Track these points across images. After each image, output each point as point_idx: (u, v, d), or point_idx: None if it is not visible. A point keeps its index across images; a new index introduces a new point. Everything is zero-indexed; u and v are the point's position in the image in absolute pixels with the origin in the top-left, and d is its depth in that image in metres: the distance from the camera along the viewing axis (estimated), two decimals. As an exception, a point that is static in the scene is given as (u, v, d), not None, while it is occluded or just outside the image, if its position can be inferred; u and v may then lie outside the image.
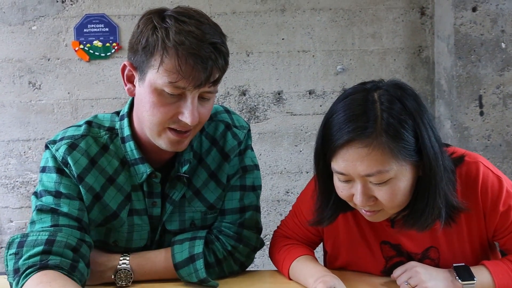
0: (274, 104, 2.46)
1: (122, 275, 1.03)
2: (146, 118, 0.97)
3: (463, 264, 0.95)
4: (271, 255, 1.18)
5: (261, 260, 1.29)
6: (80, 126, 1.08)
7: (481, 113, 2.32)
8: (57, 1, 2.40)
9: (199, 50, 0.90)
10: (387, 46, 2.43)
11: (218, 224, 1.12)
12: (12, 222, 2.49)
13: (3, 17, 2.39)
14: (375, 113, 0.85)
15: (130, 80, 1.01)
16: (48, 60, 2.42)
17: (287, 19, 2.42)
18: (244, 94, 2.45)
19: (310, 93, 2.45)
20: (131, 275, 1.04)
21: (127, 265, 1.04)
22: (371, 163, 0.85)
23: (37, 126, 2.45)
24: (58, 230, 0.96)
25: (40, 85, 2.43)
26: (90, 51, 2.41)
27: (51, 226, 0.96)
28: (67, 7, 2.41)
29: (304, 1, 2.41)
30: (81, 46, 2.41)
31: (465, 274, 0.92)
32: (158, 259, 1.06)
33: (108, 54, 2.41)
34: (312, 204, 1.04)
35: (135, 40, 0.96)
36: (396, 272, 0.97)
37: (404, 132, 0.85)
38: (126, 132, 1.06)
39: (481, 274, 0.93)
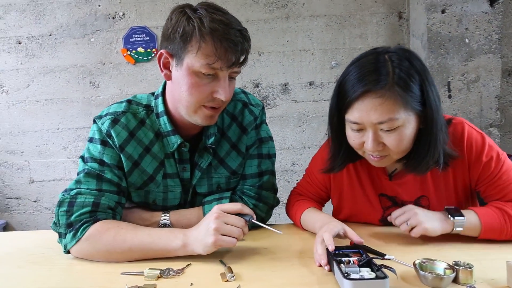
0: (282, 94, 2.34)
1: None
2: (184, 97, 0.86)
3: (453, 206, 0.84)
4: (287, 208, 1.09)
5: (274, 217, 1.20)
6: (122, 103, 0.97)
7: (449, 96, 2.21)
8: (109, 18, 2.33)
9: (230, 35, 0.80)
10: (372, 44, 2.29)
11: (240, 187, 1.01)
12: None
13: (69, 33, 2.34)
14: (387, 69, 0.76)
15: (166, 66, 0.89)
16: (104, 64, 2.35)
17: (290, 24, 2.29)
18: (258, 86, 2.34)
19: (310, 84, 2.33)
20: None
21: (167, 220, 0.94)
22: (384, 111, 0.75)
23: (97, 116, 2.38)
24: (101, 194, 0.88)
25: (98, 84, 2.37)
26: (135, 56, 2.31)
27: (96, 189, 0.88)
28: (117, 22, 2.33)
29: (304, 9, 2.28)
30: (128, 52, 2.32)
31: (455, 213, 0.80)
32: (192, 215, 0.95)
33: (149, 58, 2.30)
34: (321, 166, 0.97)
35: (171, 30, 0.83)
36: (395, 213, 0.85)
37: (412, 84, 0.76)
38: (160, 108, 0.94)
39: (469, 214, 0.81)
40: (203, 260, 0.80)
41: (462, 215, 0.80)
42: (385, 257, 0.66)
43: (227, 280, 0.71)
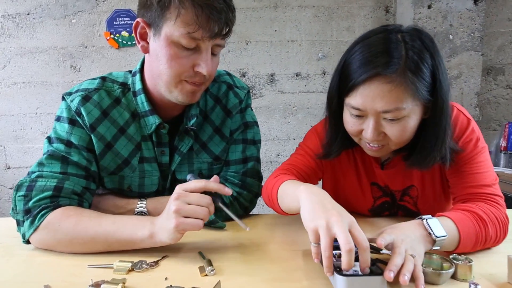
0: (268, 84, 2.24)
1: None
2: (163, 71, 0.75)
3: (430, 216, 0.67)
4: (263, 189, 0.86)
5: (257, 208, 1.12)
6: (95, 79, 0.85)
7: (432, 91, 2.14)
8: None
9: (213, 1, 0.70)
10: (359, 37, 2.20)
11: (224, 174, 0.91)
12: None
13: (49, 13, 2.16)
14: (400, 51, 0.64)
15: (143, 37, 0.77)
16: (86, 47, 2.19)
17: (278, 14, 2.19)
18: (244, 76, 2.23)
19: (297, 75, 2.24)
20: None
21: (144, 208, 0.83)
22: (392, 99, 0.64)
23: (78, 101, 2.22)
24: (66, 178, 0.75)
25: (79, 68, 2.21)
26: (119, 40, 2.16)
27: (60, 173, 0.76)
28: (100, 3, 2.16)
29: (293, -1, 2.17)
30: (112, 36, 2.16)
31: (436, 228, 0.63)
32: None
33: (133, 42, 2.16)
34: (317, 139, 0.85)
35: None
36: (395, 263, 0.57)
37: (425, 70, 0.65)
38: (138, 86, 0.83)
39: (447, 225, 0.65)
40: (180, 252, 0.70)
41: (444, 232, 0.63)
42: (381, 251, 0.58)
43: (206, 275, 0.61)
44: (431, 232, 0.62)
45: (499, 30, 2.28)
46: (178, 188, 0.67)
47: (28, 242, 0.73)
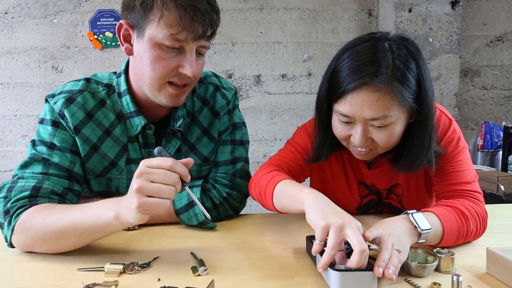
0: (254, 85, 2.26)
1: None
2: (147, 73, 0.75)
3: (415, 210, 0.69)
4: (251, 182, 0.86)
5: (245, 209, 1.13)
6: (79, 81, 0.84)
7: (413, 92, 2.21)
8: None
9: (197, 3, 0.70)
10: (343, 40, 2.26)
11: (213, 175, 0.92)
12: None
13: (29, 12, 2.10)
14: (387, 60, 0.67)
15: (126, 39, 0.77)
16: (68, 48, 2.14)
17: (264, 16, 2.21)
18: (230, 77, 2.24)
19: (283, 77, 2.26)
20: None
21: None
22: (379, 108, 0.67)
23: (60, 103, 2.16)
24: (46, 178, 0.74)
25: (61, 69, 2.16)
26: (103, 40, 2.13)
27: (41, 173, 0.74)
28: (83, 3, 2.12)
29: (278, 1, 2.22)
30: (95, 37, 2.12)
31: (421, 222, 0.65)
32: None
33: (117, 43, 2.10)
34: (306, 137, 0.87)
35: None
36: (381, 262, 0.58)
37: (411, 78, 0.67)
38: (123, 87, 0.83)
39: (431, 219, 0.67)
40: (172, 253, 0.70)
41: (428, 225, 0.65)
42: (370, 247, 0.60)
43: (199, 275, 0.61)
44: (417, 226, 0.64)
45: (475, 34, 2.38)
46: (142, 164, 0.61)
47: (12, 245, 0.71)
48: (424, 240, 0.65)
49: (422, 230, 0.64)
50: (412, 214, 0.66)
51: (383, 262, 0.56)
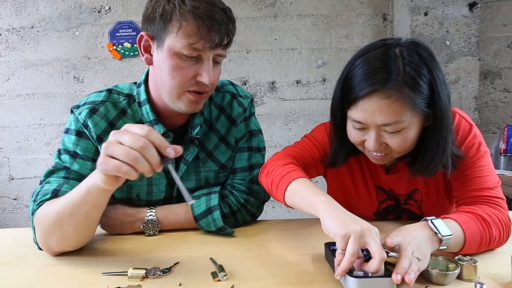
0: (269, 92, 2.28)
1: (149, 225, 0.85)
2: (166, 82, 0.78)
3: (434, 217, 0.68)
4: (263, 169, 0.84)
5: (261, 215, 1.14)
6: (101, 92, 0.88)
7: (431, 96, 2.17)
8: (95, 11, 2.20)
9: (214, 13, 0.72)
10: (357, 45, 2.25)
11: (230, 181, 0.93)
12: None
13: (53, 26, 2.20)
14: (397, 67, 0.67)
15: (147, 50, 0.80)
16: (89, 59, 2.22)
17: (278, 23, 2.23)
18: (245, 84, 2.26)
19: (297, 83, 2.27)
20: (158, 225, 0.85)
21: (153, 216, 0.85)
22: (390, 113, 0.67)
23: (81, 112, 2.25)
24: (66, 182, 0.78)
25: (83, 79, 2.24)
26: (122, 51, 2.20)
27: (63, 177, 0.80)
28: (103, 16, 2.20)
29: (292, 9, 2.23)
30: (114, 47, 2.20)
31: (442, 228, 0.64)
32: (180, 211, 0.87)
33: (136, 53, 2.19)
34: (325, 134, 0.87)
35: (151, 10, 0.76)
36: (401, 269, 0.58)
37: (422, 84, 0.67)
38: (143, 97, 0.86)
39: (452, 226, 0.66)
40: (192, 258, 0.72)
41: (449, 231, 0.64)
42: (389, 254, 0.59)
43: (219, 280, 0.63)
44: (437, 232, 0.63)
45: (495, 35, 2.32)
46: (124, 126, 0.60)
47: (39, 246, 0.75)
48: (445, 247, 0.64)
49: (443, 236, 0.63)
50: (431, 220, 0.66)
51: (402, 269, 0.56)
